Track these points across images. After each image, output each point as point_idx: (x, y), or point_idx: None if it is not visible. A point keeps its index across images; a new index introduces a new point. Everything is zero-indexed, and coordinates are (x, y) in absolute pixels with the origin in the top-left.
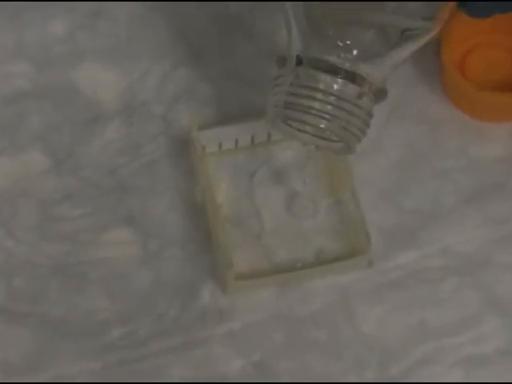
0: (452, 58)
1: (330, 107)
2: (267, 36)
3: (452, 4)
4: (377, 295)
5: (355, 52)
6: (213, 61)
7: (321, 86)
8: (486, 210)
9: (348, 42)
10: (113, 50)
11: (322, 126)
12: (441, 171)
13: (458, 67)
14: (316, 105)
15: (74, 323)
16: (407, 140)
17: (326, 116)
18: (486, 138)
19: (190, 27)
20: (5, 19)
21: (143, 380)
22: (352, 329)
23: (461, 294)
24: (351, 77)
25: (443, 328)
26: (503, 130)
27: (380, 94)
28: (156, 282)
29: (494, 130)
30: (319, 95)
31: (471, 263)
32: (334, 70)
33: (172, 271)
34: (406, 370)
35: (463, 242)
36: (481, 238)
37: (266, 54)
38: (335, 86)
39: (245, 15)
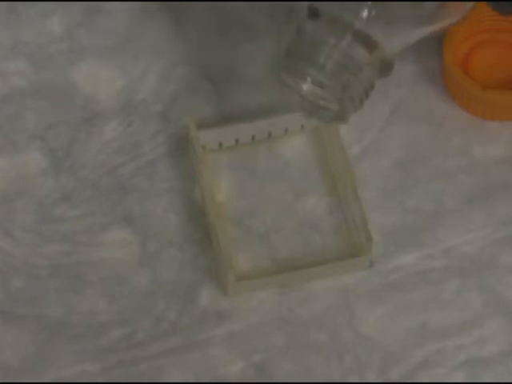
0: (455, 57)
1: (333, 63)
2: (267, 35)
3: None
4: (378, 296)
5: (373, 14)
6: (213, 59)
7: (329, 41)
8: (490, 211)
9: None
10: (111, 47)
11: (323, 80)
12: (443, 171)
13: (461, 66)
14: (320, 58)
15: (72, 325)
16: (409, 139)
17: (328, 71)
18: (490, 137)
19: (190, 25)
20: (1, 16)
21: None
22: (353, 330)
23: (463, 296)
24: (362, 38)
25: (445, 330)
26: (507, 129)
27: (386, 67)
28: (155, 283)
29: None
30: (325, 49)
31: (474, 264)
32: (345, 28)
33: (171, 272)
34: (407, 372)
35: (466, 242)
36: (484, 238)
37: (267, 52)
38: (343, 44)
39: (245, 14)
